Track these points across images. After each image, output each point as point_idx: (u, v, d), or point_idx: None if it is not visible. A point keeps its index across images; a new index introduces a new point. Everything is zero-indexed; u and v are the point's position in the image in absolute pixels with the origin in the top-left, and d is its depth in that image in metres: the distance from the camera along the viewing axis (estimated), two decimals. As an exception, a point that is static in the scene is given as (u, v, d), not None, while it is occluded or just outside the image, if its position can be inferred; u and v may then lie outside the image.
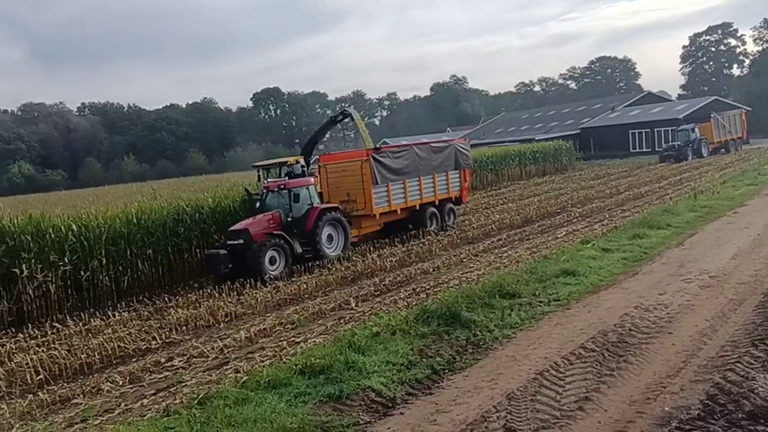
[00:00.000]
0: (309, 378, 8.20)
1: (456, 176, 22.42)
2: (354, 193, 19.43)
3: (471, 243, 18.54)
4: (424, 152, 21.16)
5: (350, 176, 19.57)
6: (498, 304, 10.84)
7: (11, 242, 14.28)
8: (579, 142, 53.80)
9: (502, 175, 39.06)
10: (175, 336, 11.82)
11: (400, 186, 20.23)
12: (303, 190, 17.79)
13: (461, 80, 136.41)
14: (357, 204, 19.40)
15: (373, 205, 19.32)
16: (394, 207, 20.02)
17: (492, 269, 14.34)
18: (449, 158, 21.97)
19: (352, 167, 19.62)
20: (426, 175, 21.03)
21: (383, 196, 19.68)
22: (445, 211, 21.73)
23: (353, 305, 12.64)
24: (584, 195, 27.37)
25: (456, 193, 22.47)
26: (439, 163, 21.51)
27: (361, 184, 19.25)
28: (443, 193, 21.74)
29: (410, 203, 20.56)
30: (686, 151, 42.17)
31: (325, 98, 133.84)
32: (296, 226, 17.20)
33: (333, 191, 19.90)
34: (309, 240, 17.17)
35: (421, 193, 20.86)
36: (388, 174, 19.63)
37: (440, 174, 21.55)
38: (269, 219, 17.07)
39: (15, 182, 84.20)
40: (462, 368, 8.56)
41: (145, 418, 7.73)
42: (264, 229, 16.63)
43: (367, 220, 19.63)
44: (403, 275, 14.89)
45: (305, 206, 17.62)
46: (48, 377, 10.00)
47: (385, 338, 9.41)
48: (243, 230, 16.37)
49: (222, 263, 15.77)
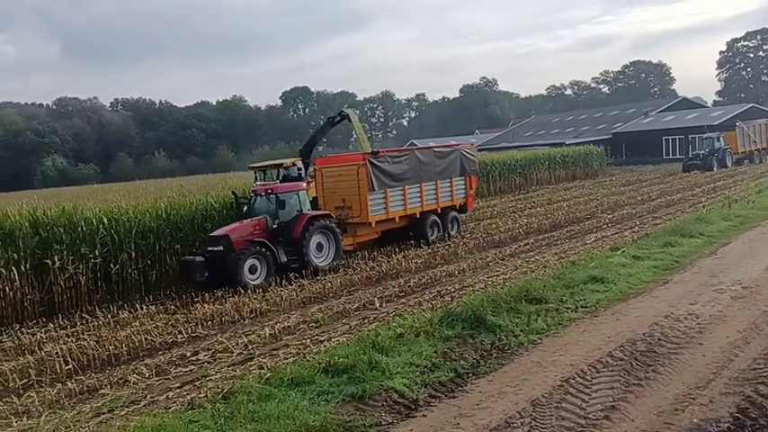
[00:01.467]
0: (332, 377, 8.19)
1: (461, 183, 21.21)
2: (350, 199, 18.42)
3: (498, 247, 18.39)
4: (426, 157, 20.08)
5: (345, 181, 18.54)
6: (524, 309, 10.71)
7: (44, 234, 14.60)
8: (611, 147, 53.12)
9: (530, 178, 38.74)
10: (201, 330, 11.95)
11: (399, 193, 19.11)
12: (292, 195, 16.80)
13: (491, 82, 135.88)
14: (352, 211, 18.39)
15: (369, 213, 18.21)
16: (392, 215, 18.91)
17: (518, 274, 14.20)
18: (453, 164, 20.84)
19: (348, 172, 18.57)
20: (428, 181, 19.93)
21: (380, 203, 18.63)
22: (448, 219, 20.53)
23: (378, 305, 12.63)
24: (614, 201, 26.98)
25: (460, 201, 21.26)
26: (443, 169, 20.44)
27: (357, 190, 18.19)
28: (447, 201, 20.63)
29: (410, 211, 19.41)
30: (711, 161, 40.60)
31: (353, 98, 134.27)
32: (282, 233, 16.23)
33: (328, 196, 18.96)
34: (296, 249, 16.19)
35: (422, 200, 19.74)
36: (386, 179, 18.61)
37: (443, 180, 20.44)
38: (255, 225, 16.17)
39: (49, 175, 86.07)
40: (486, 372, 8.48)
41: (170, 410, 7.80)
42: (248, 236, 15.74)
43: (363, 228, 18.63)
44: (428, 277, 14.83)
45: (293, 212, 16.61)
46: (76, 367, 10.18)
47: (409, 340, 9.36)
48: (223, 236, 15.50)
49: (197, 270, 14.99)
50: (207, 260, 15.11)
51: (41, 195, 24.79)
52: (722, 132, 43.35)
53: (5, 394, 9.25)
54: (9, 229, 14.08)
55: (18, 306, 13.94)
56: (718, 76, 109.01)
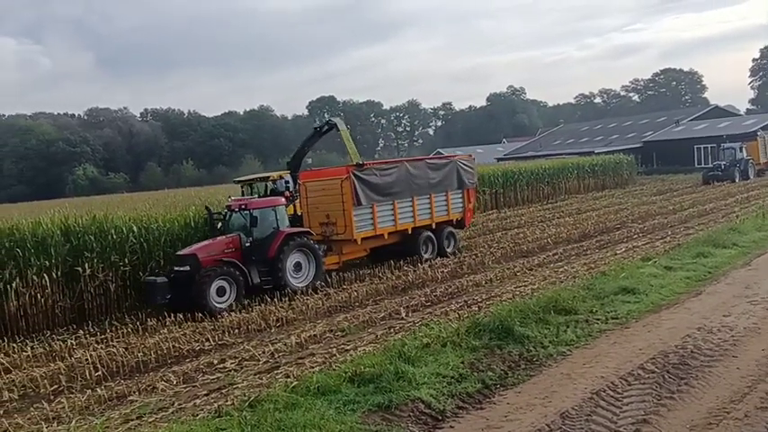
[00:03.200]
0: (359, 386, 8.16)
1: (458, 197, 19.93)
2: (334, 214, 17.24)
3: (526, 257, 18.20)
4: (418, 169, 18.79)
5: (329, 196, 17.40)
6: (553, 320, 10.57)
7: (75, 242, 14.85)
8: (641, 156, 52.38)
9: (559, 187, 38.32)
10: (228, 338, 12.01)
11: (388, 208, 17.87)
12: (267, 211, 15.68)
13: (519, 91, 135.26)
14: (337, 228, 17.23)
15: (354, 229, 17.03)
16: (380, 231, 17.70)
17: (547, 284, 14.03)
18: (449, 177, 19.56)
19: (332, 186, 17.36)
20: (421, 194, 18.65)
21: (367, 219, 17.43)
22: (443, 235, 19.20)
23: (404, 315, 12.57)
24: (645, 211, 26.54)
25: (457, 216, 19.91)
26: (437, 182, 19.16)
27: (341, 205, 17.05)
28: (442, 216, 19.34)
29: (401, 227, 18.17)
30: (733, 171, 38.73)
31: (379, 107, 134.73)
32: (256, 252, 15.11)
33: (312, 212, 17.87)
34: (271, 269, 15.10)
35: (414, 215, 18.46)
36: (372, 193, 17.38)
37: (438, 194, 19.16)
38: (228, 242, 15.03)
39: (80, 184, 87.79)
40: (515, 384, 8.39)
41: (197, 417, 7.83)
42: (219, 255, 14.64)
43: (348, 246, 17.46)
44: (454, 287, 14.73)
45: (269, 229, 15.51)
46: (106, 373, 10.30)
47: (435, 350, 9.30)
48: (190, 255, 14.46)
49: (159, 292, 13.90)
50: (171, 281, 14.10)
51: (73, 204, 25.30)
52: (744, 143, 41.76)
53: (37, 400, 9.39)
54: (41, 237, 14.34)
55: (49, 313, 14.19)
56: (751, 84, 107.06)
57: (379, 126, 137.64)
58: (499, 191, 33.94)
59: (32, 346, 12.18)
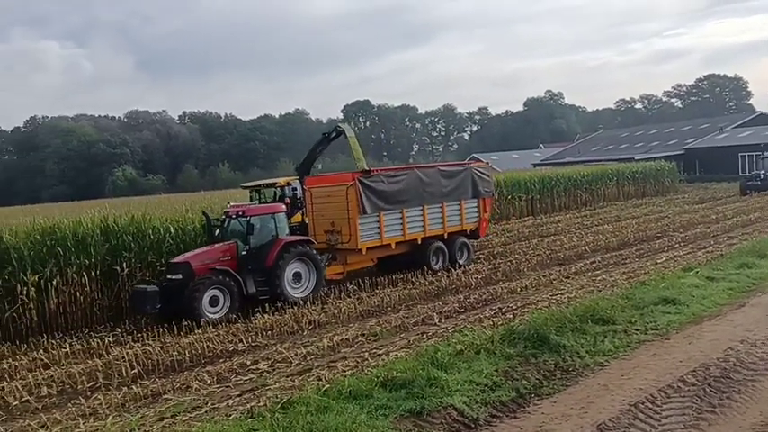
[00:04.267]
0: (390, 391, 8.12)
1: (473, 206, 19.06)
2: (339, 222, 16.60)
3: (562, 264, 17.90)
4: (429, 177, 18.05)
5: (334, 203, 16.78)
6: (590, 330, 10.38)
7: (114, 241, 15.17)
8: (683, 164, 51.14)
9: (597, 194, 37.65)
10: (261, 340, 12.09)
11: (396, 216, 17.18)
12: (266, 219, 15.16)
13: (557, 96, 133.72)
14: (341, 236, 16.61)
15: (358, 238, 16.38)
16: (387, 241, 17.02)
17: (584, 292, 13.78)
18: (463, 185, 18.76)
19: (337, 193, 16.76)
20: (432, 203, 17.90)
21: (373, 228, 16.74)
22: (456, 246, 18.39)
23: (437, 321, 12.49)
24: (686, 220, 25.91)
25: (471, 226, 19.06)
26: (450, 190, 18.38)
27: (346, 213, 16.38)
28: (455, 226, 18.54)
29: (409, 237, 17.43)
30: None
31: (414, 111, 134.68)
32: (253, 260, 14.60)
33: (317, 219, 17.27)
34: (268, 278, 14.58)
35: (424, 224, 17.73)
36: (379, 201, 16.72)
37: (450, 202, 18.37)
38: (224, 250, 14.52)
39: (119, 185, 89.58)
40: (550, 393, 8.27)
41: (230, 418, 7.88)
42: (214, 263, 14.14)
43: (354, 255, 16.82)
44: (488, 293, 14.57)
45: (267, 237, 14.99)
46: (141, 371, 10.47)
47: (469, 357, 9.22)
48: (183, 263, 14.03)
49: (149, 301, 13.37)
50: (163, 289, 13.65)
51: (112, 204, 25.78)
52: None
53: (74, 396, 9.58)
54: (82, 236, 14.69)
55: (87, 310, 14.53)
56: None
57: (413, 130, 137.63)
58: (535, 197, 33.51)
59: (71, 343, 12.45)
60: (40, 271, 13.86)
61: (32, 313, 13.67)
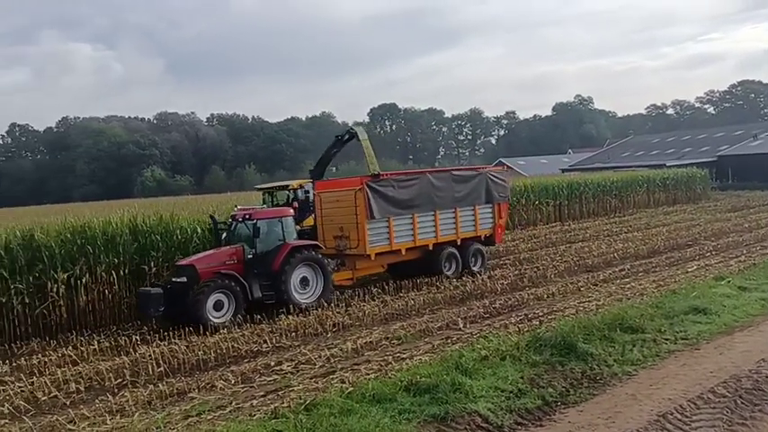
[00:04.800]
0: (414, 396, 8.09)
1: (487, 211, 18.66)
2: (348, 227, 16.31)
3: (590, 271, 17.66)
4: (441, 181, 17.68)
5: (343, 208, 16.49)
6: (619, 338, 10.23)
7: (142, 240, 15.39)
8: (716, 170, 50.14)
9: (627, 201, 37.12)
10: (285, 341, 12.13)
11: (407, 222, 16.84)
12: (273, 223, 14.97)
13: (586, 100, 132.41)
14: (350, 241, 16.33)
15: (367, 244, 16.06)
16: (397, 246, 16.68)
17: (613, 300, 13.57)
18: (477, 190, 18.36)
19: (346, 197, 16.43)
20: (445, 208, 17.55)
21: (382, 233, 16.42)
22: (469, 253, 18.00)
23: (461, 326, 12.40)
24: (719, 228, 25.38)
25: (486, 232, 18.65)
26: (463, 195, 18.01)
27: (355, 218, 16.11)
28: (468, 232, 18.14)
29: (420, 242, 17.11)
30: None
31: (441, 115, 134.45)
32: (259, 265, 14.39)
33: (326, 224, 17.01)
34: (274, 283, 14.37)
35: (436, 230, 17.38)
36: (388, 206, 16.39)
37: (464, 208, 18.00)
38: (231, 254, 14.38)
39: (148, 185, 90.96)
40: (576, 402, 8.17)
41: (254, 418, 7.92)
42: (219, 267, 14.02)
43: (362, 261, 16.53)
44: (514, 299, 14.43)
45: (274, 242, 14.78)
46: (167, 370, 10.58)
47: (494, 363, 9.15)
48: (188, 266, 13.94)
49: (153, 304, 13.29)
50: (167, 292, 13.52)
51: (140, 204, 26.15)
52: None
53: (102, 392, 9.71)
54: (111, 236, 14.92)
55: (116, 308, 14.77)
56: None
57: (440, 134, 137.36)
58: (563, 203, 33.13)
59: (99, 340, 12.63)
60: (70, 269, 14.11)
61: (62, 310, 13.94)
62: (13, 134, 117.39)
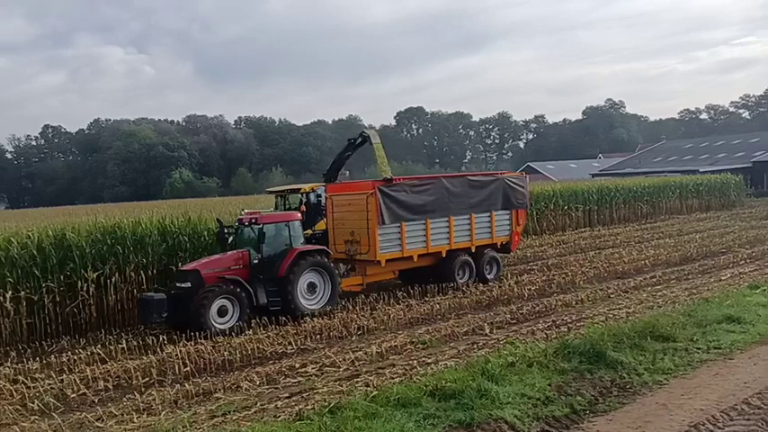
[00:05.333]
0: (439, 401, 8.04)
1: (505, 218, 18.11)
2: (359, 232, 15.90)
3: (620, 278, 17.34)
4: (457, 186, 17.16)
5: (355, 212, 16.07)
6: (649, 347, 10.06)
7: (170, 241, 15.57)
8: (750, 177, 49.09)
9: (659, 207, 36.49)
10: (309, 343, 12.13)
11: (419, 227, 16.39)
12: (280, 227, 14.66)
13: (618, 104, 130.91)
14: (361, 246, 15.90)
15: (377, 249, 15.64)
16: (408, 253, 16.24)
17: (643, 308, 13.32)
18: (494, 195, 17.79)
19: (357, 201, 16.01)
20: (460, 214, 17.03)
21: (393, 239, 15.98)
22: (484, 260, 17.50)
23: (487, 331, 12.27)
24: (754, 236, 24.74)
25: (502, 239, 18.10)
26: (479, 200, 17.47)
27: (366, 223, 15.67)
28: (484, 239, 17.63)
29: (433, 249, 16.63)
30: None
31: (468, 119, 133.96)
32: (265, 270, 14.10)
33: (338, 228, 16.59)
34: (280, 289, 14.05)
35: (450, 236, 16.88)
36: (401, 211, 15.97)
37: (479, 214, 17.45)
38: (237, 258, 14.09)
39: (176, 187, 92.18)
40: (605, 411, 8.03)
41: (278, 419, 7.92)
42: (224, 271, 13.74)
43: (373, 267, 16.10)
44: (542, 305, 14.24)
45: (280, 246, 14.46)
46: (193, 369, 10.64)
47: (520, 369, 9.05)
48: (192, 271, 13.61)
49: (155, 310, 13.00)
50: (171, 298, 13.26)
51: (168, 205, 26.50)
52: None
53: (129, 391, 9.82)
54: (140, 236, 15.12)
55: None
56: None
57: (467, 138, 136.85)
58: (593, 208, 32.69)
59: (127, 339, 12.77)
60: (100, 268, 14.32)
61: (92, 309, 14.14)
62: (45, 135, 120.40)
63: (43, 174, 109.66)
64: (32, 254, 13.70)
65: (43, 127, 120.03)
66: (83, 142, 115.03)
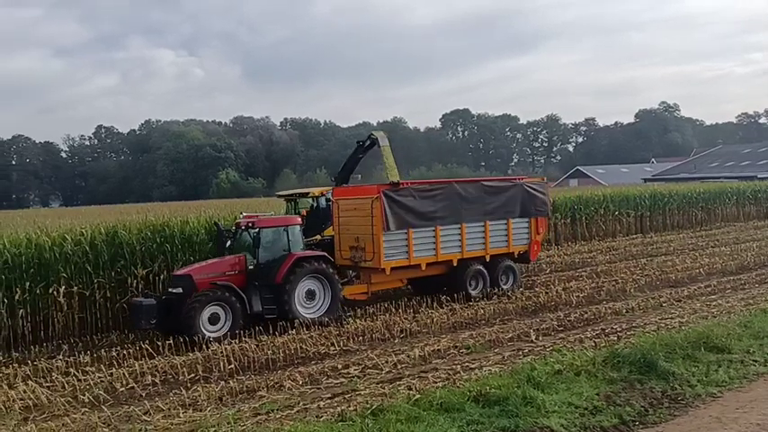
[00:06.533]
0: (483, 407, 7.93)
1: (523, 226, 17.09)
2: (363, 238, 15.15)
3: (674, 287, 16.78)
4: (470, 192, 16.24)
5: (360, 217, 15.32)
6: (703, 358, 9.72)
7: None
8: (812, 183, 46.97)
9: (715, 214, 35.20)
10: (352, 345, 12.13)
11: (428, 234, 15.53)
12: (277, 231, 14.15)
13: (672, 107, 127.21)
14: (365, 253, 15.14)
15: (382, 257, 14.85)
16: (416, 261, 15.39)
17: (697, 318, 12.87)
18: (512, 202, 16.80)
19: (363, 206, 15.24)
20: (473, 221, 16.13)
21: (399, 246, 15.15)
22: (499, 270, 16.54)
23: (533, 338, 12.05)
24: (815, 245, 23.65)
25: (520, 248, 17.09)
26: (495, 207, 16.52)
27: (370, 229, 14.91)
28: (499, 247, 16.66)
29: (443, 257, 15.74)
30: None
31: (515, 121, 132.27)
32: (262, 276, 13.64)
33: (343, 233, 15.87)
34: (277, 296, 13.58)
35: (462, 245, 15.97)
36: (408, 217, 15.17)
37: (495, 221, 16.51)
38: (233, 264, 13.62)
39: (222, 187, 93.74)
40: (655, 422, 7.81)
41: (321, 419, 7.94)
42: (218, 277, 13.25)
43: (378, 275, 15.28)
44: (590, 313, 13.90)
45: (278, 252, 13.95)
46: (238, 367, 10.77)
47: (568, 378, 8.86)
48: (184, 276, 13.17)
49: (144, 316, 12.57)
50: (162, 303, 12.86)
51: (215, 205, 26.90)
52: None
53: (176, 386, 10.01)
54: (188, 235, 15.46)
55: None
56: None
57: (514, 141, 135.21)
58: (645, 214, 31.76)
59: (174, 336, 12.99)
60: (150, 265, 14.69)
61: (141, 305, 14.45)
62: (99, 135, 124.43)
63: (96, 173, 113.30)
64: (85, 250, 14.12)
65: (96, 127, 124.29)
66: (134, 142, 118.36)
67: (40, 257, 13.64)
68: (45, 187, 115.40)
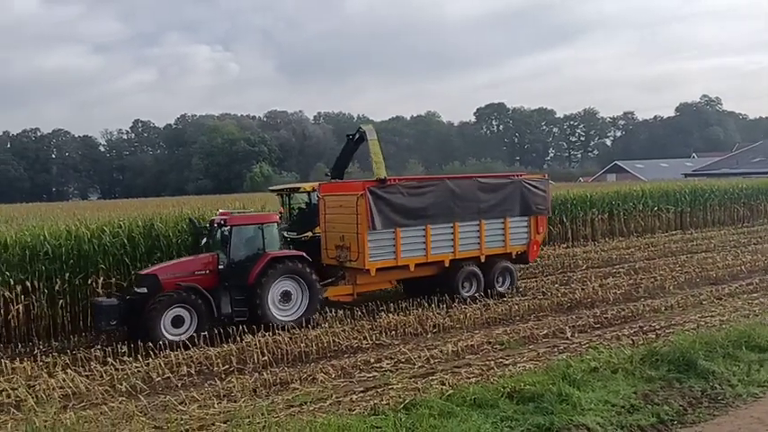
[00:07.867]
0: (517, 403, 7.87)
1: (522, 225, 16.31)
2: (348, 237, 14.49)
3: (714, 284, 16.37)
4: (463, 189, 15.52)
5: (345, 215, 14.64)
6: (745, 357, 9.50)
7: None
8: None
9: (758, 210, 34.23)
10: (384, 339, 12.14)
11: (418, 234, 14.84)
12: (251, 229, 13.40)
13: (714, 101, 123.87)
14: (350, 253, 14.47)
15: (366, 257, 14.17)
16: (404, 261, 14.73)
17: (738, 316, 12.54)
18: (510, 200, 16.04)
19: (348, 203, 14.56)
20: (467, 220, 15.40)
21: (386, 246, 14.47)
22: (495, 271, 15.81)
23: (569, 335, 11.91)
24: None
25: (519, 248, 16.32)
26: (491, 205, 15.77)
27: (355, 227, 14.25)
28: (495, 247, 15.90)
29: (433, 258, 15.07)
30: None
31: (552, 115, 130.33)
32: (234, 276, 12.94)
33: (329, 231, 15.17)
34: (248, 297, 12.91)
35: (454, 244, 15.26)
36: (395, 216, 14.45)
37: (491, 220, 15.76)
38: (205, 263, 12.96)
39: (256, 180, 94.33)
40: (694, 422, 7.69)
41: (353, 413, 7.96)
42: (186, 277, 12.57)
43: (364, 276, 14.57)
44: (628, 310, 13.65)
45: (252, 250, 13.23)
46: (271, 359, 10.89)
47: (604, 375, 8.74)
48: (150, 275, 12.58)
49: (104, 317, 12.05)
50: (126, 303, 12.32)
51: (249, 199, 27.13)
52: None
53: (210, 377, 10.17)
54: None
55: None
56: None
57: (550, 135, 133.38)
58: (685, 210, 31.02)
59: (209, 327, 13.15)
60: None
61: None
62: (136, 129, 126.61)
63: (133, 166, 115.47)
64: (123, 242, 14.37)
65: (134, 122, 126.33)
66: (170, 137, 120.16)
67: (79, 249, 13.91)
68: (84, 180, 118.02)
